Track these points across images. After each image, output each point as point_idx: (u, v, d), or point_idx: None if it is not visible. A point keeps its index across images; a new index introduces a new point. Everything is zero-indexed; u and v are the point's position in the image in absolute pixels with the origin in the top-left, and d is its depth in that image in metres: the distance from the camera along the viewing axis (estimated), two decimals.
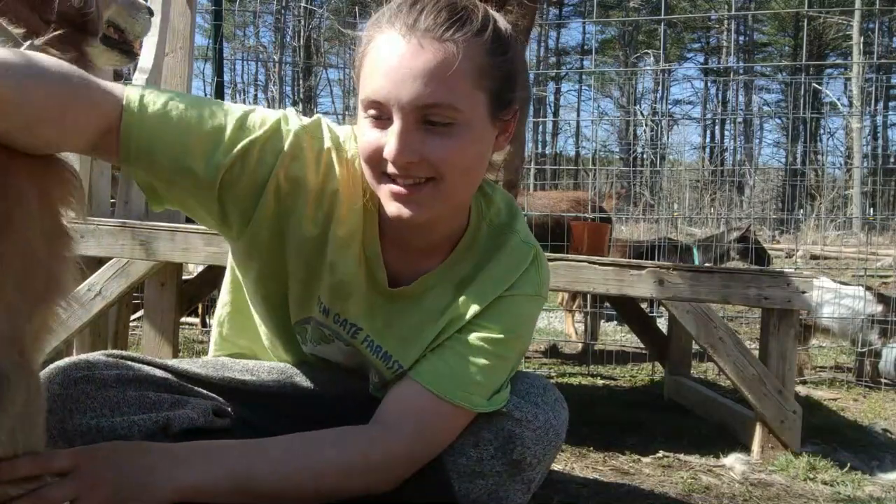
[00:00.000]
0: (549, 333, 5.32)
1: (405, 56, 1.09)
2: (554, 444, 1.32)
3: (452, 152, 1.13)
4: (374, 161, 1.15)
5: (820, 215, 12.44)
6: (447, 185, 1.15)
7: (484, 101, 1.15)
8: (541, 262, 1.34)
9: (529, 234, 1.37)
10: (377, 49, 1.13)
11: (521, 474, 1.30)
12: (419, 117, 1.11)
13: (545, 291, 1.35)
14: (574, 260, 2.50)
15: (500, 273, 1.29)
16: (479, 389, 1.25)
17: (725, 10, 26.71)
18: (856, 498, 2.09)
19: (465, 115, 1.13)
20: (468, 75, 1.12)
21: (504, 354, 1.28)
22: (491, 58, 1.14)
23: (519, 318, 1.31)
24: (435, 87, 1.09)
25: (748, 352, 2.47)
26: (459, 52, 1.10)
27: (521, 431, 1.28)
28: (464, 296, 1.28)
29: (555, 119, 33.50)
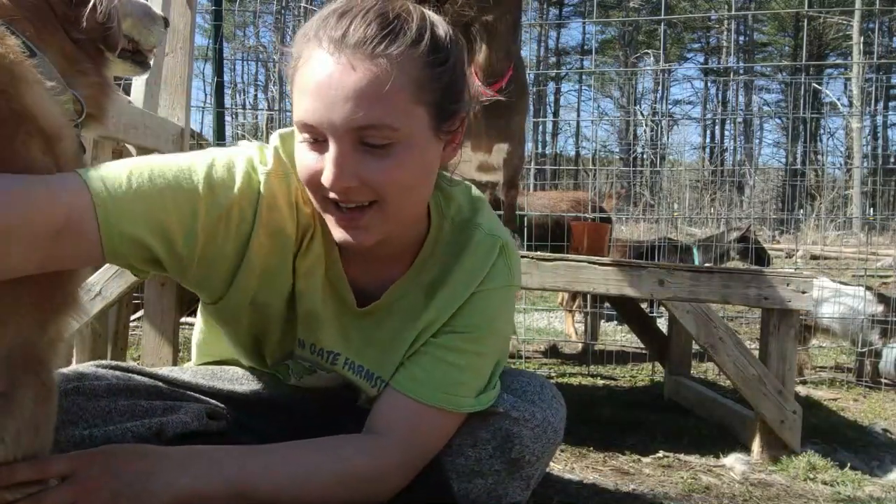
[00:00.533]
0: (549, 333, 5.32)
1: (334, 76, 1.03)
2: (552, 442, 1.32)
3: (392, 173, 1.07)
4: (314, 186, 1.10)
5: (820, 215, 12.43)
6: (390, 207, 1.10)
7: (424, 115, 1.09)
8: (509, 252, 1.29)
9: (495, 224, 1.32)
10: (306, 66, 1.07)
11: (520, 472, 1.30)
12: (355, 139, 1.05)
13: (517, 279, 1.32)
14: (574, 260, 2.50)
15: (468, 271, 1.26)
16: (462, 390, 1.24)
17: (725, 10, 26.71)
18: (856, 498, 2.09)
19: (404, 133, 1.06)
20: (405, 91, 1.05)
21: (482, 351, 1.26)
22: (429, 70, 1.08)
23: (492, 313, 1.27)
24: (368, 108, 1.03)
25: (748, 352, 2.47)
26: (393, 68, 1.03)
27: (520, 430, 1.28)
28: (436, 299, 1.25)
29: (555, 119, 33.51)
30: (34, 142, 0.95)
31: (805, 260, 9.12)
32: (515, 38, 2.62)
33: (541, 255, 2.51)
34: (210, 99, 4.87)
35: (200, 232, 1.10)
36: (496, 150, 2.78)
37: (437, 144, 1.15)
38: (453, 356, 1.24)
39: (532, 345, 4.83)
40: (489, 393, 1.28)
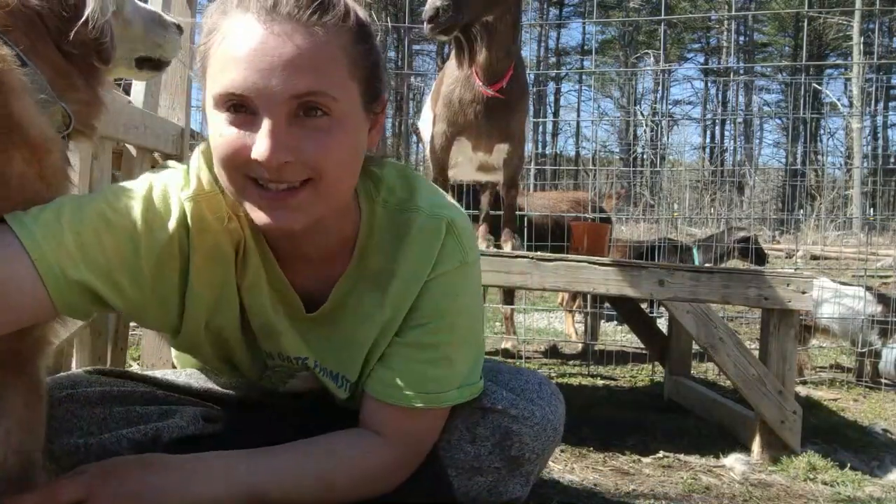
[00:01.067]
0: (549, 333, 5.32)
1: (269, 43, 0.97)
2: (552, 439, 1.32)
3: (331, 148, 1.01)
4: (235, 164, 1.01)
5: (820, 215, 12.44)
6: (326, 186, 1.04)
7: (356, 91, 1.05)
8: (457, 228, 1.20)
9: (436, 200, 1.23)
10: (230, 37, 1.00)
11: (519, 469, 1.29)
12: (291, 110, 0.99)
13: (473, 254, 1.23)
14: (574, 260, 2.50)
15: (416, 260, 1.19)
16: (440, 384, 1.21)
17: (725, 11, 26.71)
18: (856, 498, 2.09)
19: (341, 107, 1.02)
20: (340, 63, 1.01)
21: (451, 340, 1.21)
22: (359, 45, 1.05)
23: (451, 297, 1.21)
24: (310, 75, 0.98)
25: (748, 352, 2.47)
26: (329, 38, 1.00)
27: (519, 428, 1.27)
28: (389, 295, 1.20)
29: (555, 119, 33.50)
30: (18, 153, 0.93)
31: (805, 260, 9.11)
32: (515, 37, 2.62)
33: (541, 256, 2.51)
34: None
35: (146, 271, 1.07)
36: (497, 150, 2.78)
37: (365, 124, 1.10)
38: (422, 353, 1.21)
39: (532, 345, 4.83)
40: (475, 385, 1.26)
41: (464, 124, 2.68)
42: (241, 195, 1.05)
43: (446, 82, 2.72)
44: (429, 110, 3.18)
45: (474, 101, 2.62)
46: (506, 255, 2.53)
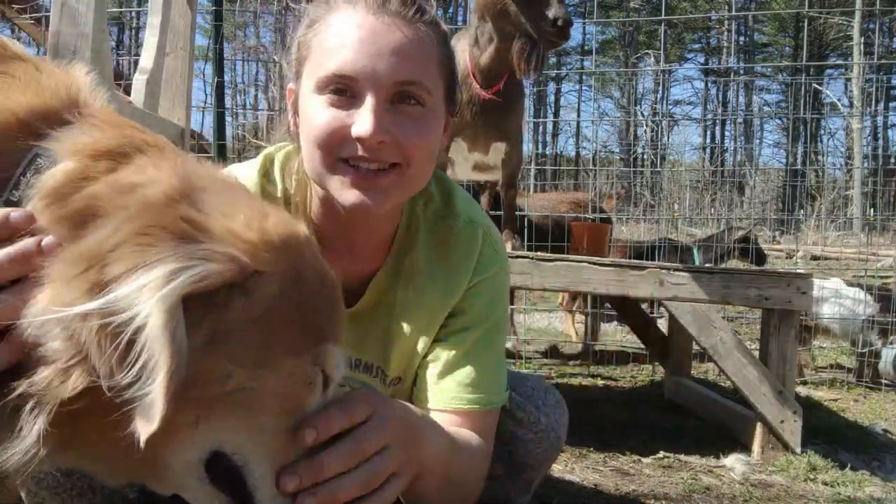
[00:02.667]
0: (549, 334, 5.32)
1: (379, 32, 1.05)
2: (555, 448, 1.32)
3: (422, 135, 1.09)
4: (332, 143, 1.06)
5: (820, 216, 12.43)
6: (412, 172, 1.10)
7: (442, 90, 1.13)
8: (492, 235, 1.28)
9: (472, 209, 1.30)
10: (336, 26, 1.07)
11: (521, 476, 1.30)
12: (392, 95, 1.06)
13: (505, 260, 1.31)
14: (574, 260, 2.50)
15: (457, 263, 1.24)
16: (493, 385, 1.22)
17: (726, 11, 26.70)
18: (856, 498, 2.09)
19: (433, 100, 1.10)
20: (434, 60, 1.10)
21: (494, 343, 1.26)
22: (446, 49, 1.13)
23: (497, 301, 1.27)
24: (413, 65, 1.06)
25: (748, 352, 2.47)
26: (428, 37, 1.09)
27: (524, 434, 1.28)
28: (425, 293, 1.23)
29: (555, 119, 33.55)
30: None
31: (805, 260, 9.11)
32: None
33: (541, 256, 2.51)
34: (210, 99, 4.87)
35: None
36: (493, 149, 2.79)
37: (443, 123, 1.16)
38: (475, 356, 1.22)
39: (532, 345, 4.83)
40: (506, 383, 1.27)
41: (460, 125, 2.69)
42: (330, 173, 1.08)
43: None
44: None
45: (470, 103, 2.62)
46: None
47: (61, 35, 1.93)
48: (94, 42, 1.93)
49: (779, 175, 16.02)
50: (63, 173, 0.74)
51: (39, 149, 0.76)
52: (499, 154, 2.81)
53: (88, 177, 0.74)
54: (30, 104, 0.78)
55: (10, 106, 0.77)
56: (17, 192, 0.75)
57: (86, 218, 0.71)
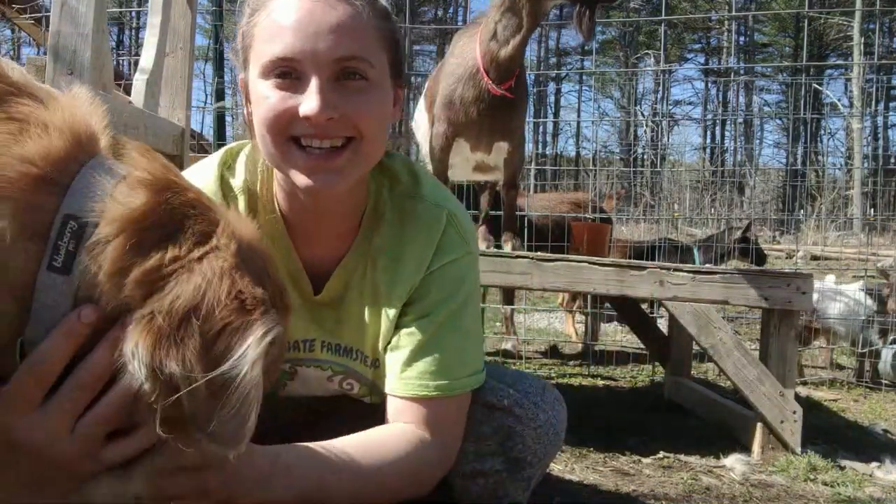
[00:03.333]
0: (549, 334, 5.32)
1: (315, 11, 1.07)
2: (554, 444, 1.32)
3: (370, 107, 1.10)
4: (282, 124, 1.08)
5: (820, 216, 12.43)
6: (365, 146, 1.11)
7: (386, 63, 1.14)
8: (458, 219, 1.27)
9: (440, 193, 1.30)
10: (275, 11, 1.09)
11: (520, 472, 1.29)
12: (335, 72, 1.08)
13: (473, 245, 1.29)
14: (574, 260, 2.50)
15: (419, 243, 1.24)
16: (455, 371, 1.22)
17: (726, 11, 26.70)
18: (856, 499, 2.09)
19: (377, 73, 1.11)
20: (374, 35, 1.11)
21: (461, 326, 1.25)
22: (387, 22, 1.15)
23: (459, 283, 1.25)
24: (351, 41, 1.07)
25: (748, 352, 2.47)
26: (366, 10, 1.10)
27: (522, 429, 1.27)
28: (394, 275, 1.24)
29: (555, 119, 33.57)
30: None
31: (805, 260, 9.11)
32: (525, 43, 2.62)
33: (541, 256, 2.51)
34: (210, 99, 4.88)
35: None
36: (496, 148, 2.78)
37: (391, 96, 1.18)
38: (435, 341, 1.22)
39: (532, 345, 4.83)
40: (481, 367, 1.27)
41: (465, 124, 2.68)
42: (284, 159, 1.11)
43: (446, 82, 2.71)
44: (422, 111, 3.17)
45: (478, 100, 2.61)
46: (506, 255, 2.53)
47: (61, 35, 1.93)
48: (94, 42, 1.93)
49: (779, 175, 16.03)
50: (116, 251, 0.74)
51: (70, 211, 0.74)
52: (501, 154, 2.81)
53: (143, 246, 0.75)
54: (45, 151, 0.74)
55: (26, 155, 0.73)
56: (58, 257, 0.74)
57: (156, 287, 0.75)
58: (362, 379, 1.31)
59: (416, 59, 30.46)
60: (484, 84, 2.58)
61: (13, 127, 0.73)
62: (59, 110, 0.77)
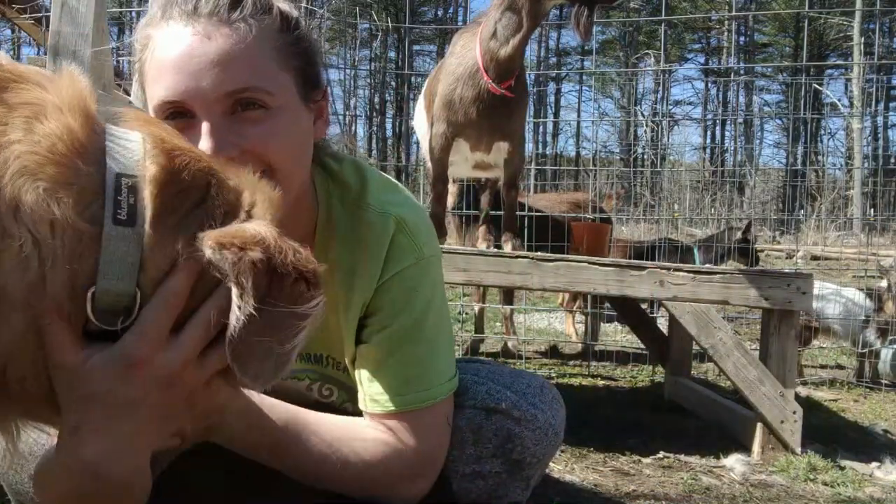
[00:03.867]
0: (549, 334, 5.32)
1: (195, 45, 0.98)
2: (553, 444, 1.31)
3: (274, 137, 1.02)
4: None
5: (820, 216, 12.43)
6: (280, 178, 1.01)
7: (291, 82, 1.05)
8: (408, 225, 1.20)
9: (387, 197, 1.22)
10: (159, 47, 1.01)
11: (520, 473, 1.29)
12: (228, 107, 1.00)
13: (428, 249, 1.22)
14: (574, 260, 2.50)
15: (370, 253, 1.18)
16: (422, 383, 1.19)
17: (726, 11, 26.70)
18: (856, 499, 2.09)
19: (277, 98, 1.02)
20: (269, 55, 1.02)
21: (422, 337, 1.20)
22: (286, 35, 1.05)
23: (411, 293, 1.19)
24: (237, 72, 0.99)
25: (748, 353, 2.47)
26: (252, 31, 1.00)
27: (521, 431, 1.27)
28: (349, 285, 1.19)
29: (555, 119, 33.58)
30: None
31: (805, 260, 9.11)
32: (525, 40, 2.63)
33: (541, 256, 2.51)
34: None
35: None
36: (496, 148, 2.78)
37: (308, 115, 1.11)
38: (397, 354, 1.19)
39: (532, 345, 4.83)
40: (452, 374, 1.23)
41: (464, 123, 2.68)
42: None
43: (446, 81, 2.71)
44: (421, 110, 3.17)
45: (477, 99, 2.61)
46: (506, 255, 2.53)
47: (61, 35, 1.93)
48: (94, 42, 1.93)
49: (779, 175, 16.02)
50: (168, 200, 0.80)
51: (119, 170, 0.79)
52: (501, 153, 2.81)
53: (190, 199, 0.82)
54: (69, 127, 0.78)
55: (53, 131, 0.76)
56: (121, 211, 0.78)
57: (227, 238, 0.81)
58: (338, 384, 1.30)
59: (416, 59, 30.49)
60: (484, 83, 2.58)
61: (29, 111, 0.76)
62: (62, 90, 0.80)
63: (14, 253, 0.72)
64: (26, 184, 0.72)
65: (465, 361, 1.39)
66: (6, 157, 0.72)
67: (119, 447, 0.81)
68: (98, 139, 0.80)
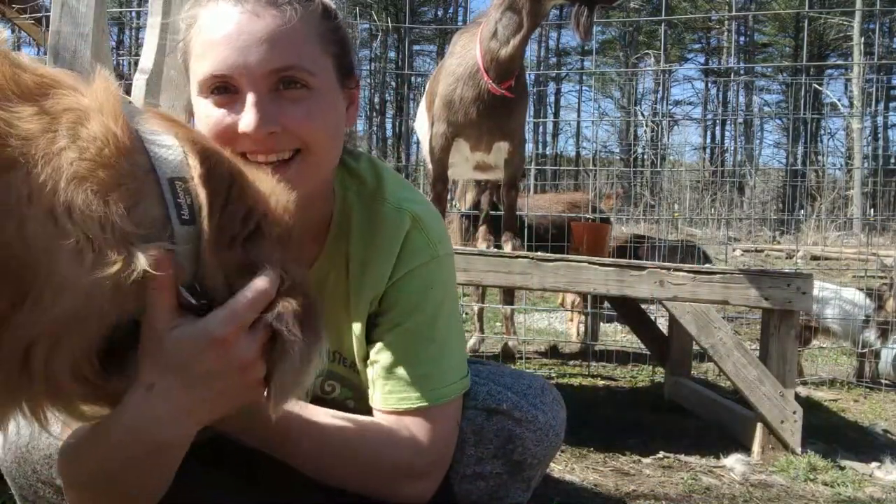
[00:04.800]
0: (549, 334, 5.32)
1: (243, 23, 1.03)
2: (554, 445, 1.31)
3: (313, 117, 1.06)
4: (224, 143, 1.02)
5: (820, 216, 12.43)
6: (315, 156, 1.08)
7: (330, 66, 1.10)
8: (424, 222, 1.22)
9: (403, 194, 1.25)
10: (206, 25, 1.05)
11: (521, 474, 1.29)
12: (272, 84, 1.04)
13: (443, 248, 1.24)
14: (574, 260, 2.50)
15: (384, 249, 1.20)
16: (434, 381, 1.19)
17: (726, 11, 26.71)
18: (856, 499, 2.09)
19: (319, 80, 1.07)
20: (312, 39, 1.07)
21: (434, 335, 1.21)
22: (327, 21, 1.10)
23: (427, 290, 1.21)
24: (284, 50, 1.03)
25: (748, 352, 2.47)
26: (297, 14, 1.05)
27: (522, 432, 1.27)
28: (362, 280, 1.20)
29: (555, 119, 33.59)
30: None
31: (805, 260, 9.11)
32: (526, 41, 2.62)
33: (541, 256, 2.51)
34: None
35: None
36: (496, 148, 2.78)
37: (342, 101, 1.15)
38: (409, 352, 1.20)
39: (532, 345, 4.83)
40: (464, 373, 1.24)
41: (464, 123, 2.67)
42: None
43: (446, 81, 2.71)
44: (423, 111, 3.17)
45: (477, 100, 2.61)
46: (506, 255, 2.53)
47: (61, 35, 1.93)
48: (94, 42, 1.93)
49: (779, 175, 16.02)
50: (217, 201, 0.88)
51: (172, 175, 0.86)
52: (501, 154, 2.81)
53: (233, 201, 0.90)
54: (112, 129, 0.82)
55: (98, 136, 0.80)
56: (184, 212, 0.85)
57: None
58: (341, 380, 1.30)
59: (416, 59, 30.50)
60: (484, 83, 2.58)
61: (73, 116, 0.80)
62: (97, 94, 0.84)
63: (71, 247, 0.77)
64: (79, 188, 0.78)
65: (467, 362, 1.40)
66: (60, 164, 0.77)
67: (182, 414, 0.88)
68: (137, 142, 0.85)
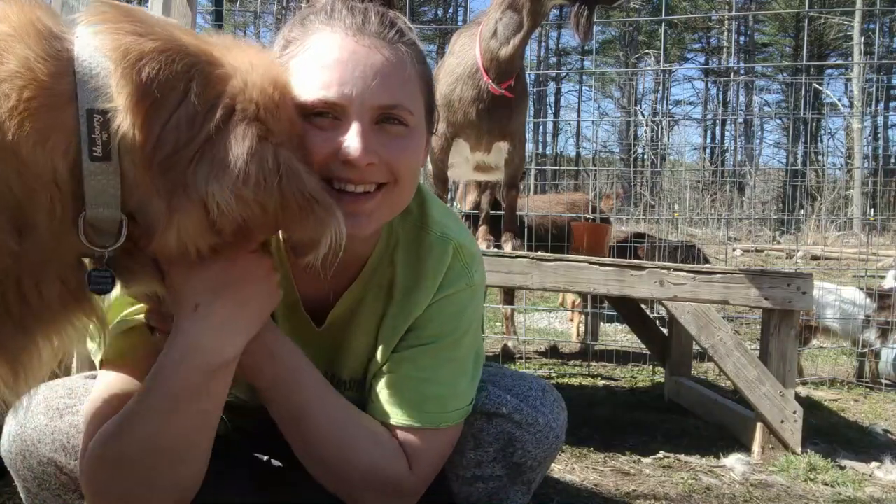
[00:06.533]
0: (549, 334, 5.32)
1: (360, 55, 1.05)
2: (554, 447, 1.31)
3: (407, 154, 1.10)
4: (318, 166, 1.03)
5: (820, 216, 12.43)
6: (399, 191, 1.11)
7: (422, 108, 1.14)
8: (464, 251, 1.26)
9: (446, 222, 1.28)
10: (316, 49, 1.06)
11: (521, 477, 1.29)
12: (376, 117, 1.06)
13: (478, 277, 1.28)
14: (574, 260, 2.50)
15: (425, 276, 1.23)
16: (439, 405, 1.20)
17: (726, 11, 26.70)
18: (856, 499, 2.09)
19: (415, 119, 1.11)
20: (414, 80, 1.11)
21: (456, 357, 1.23)
22: (423, 67, 1.15)
23: (456, 317, 1.24)
24: (394, 88, 1.07)
25: (748, 352, 2.47)
26: (406, 56, 1.10)
27: (521, 435, 1.27)
28: (395, 302, 1.23)
29: (555, 119, 33.58)
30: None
31: (805, 260, 9.11)
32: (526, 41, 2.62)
33: (541, 256, 2.51)
34: None
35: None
36: (496, 148, 2.78)
37: (425, 141, 1.18)
38: (425, 371, 1.21)
39: (532, 345, 4.83)
40: (470, 400, 1.25)
41: (464, 124, 2.67)
42: None
43: (445, 81, 2.71)
44: None
45: (477, 100, 2.61)
46: (506, 255, 2.53)
47: None
48: None
49: (779, 175, 16.00)
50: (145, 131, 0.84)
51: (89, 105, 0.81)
52: (501, 154, 2.80)
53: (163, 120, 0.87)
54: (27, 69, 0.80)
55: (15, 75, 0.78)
56: (97, 149, 0.82)
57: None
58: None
59: None
60: (484, 83, 2.58)
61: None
62: (9, 18, 0.81)
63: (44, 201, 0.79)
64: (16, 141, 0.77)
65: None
66: None
67: (232, 330, 1.00)
68: (63, 63, 0.82)
